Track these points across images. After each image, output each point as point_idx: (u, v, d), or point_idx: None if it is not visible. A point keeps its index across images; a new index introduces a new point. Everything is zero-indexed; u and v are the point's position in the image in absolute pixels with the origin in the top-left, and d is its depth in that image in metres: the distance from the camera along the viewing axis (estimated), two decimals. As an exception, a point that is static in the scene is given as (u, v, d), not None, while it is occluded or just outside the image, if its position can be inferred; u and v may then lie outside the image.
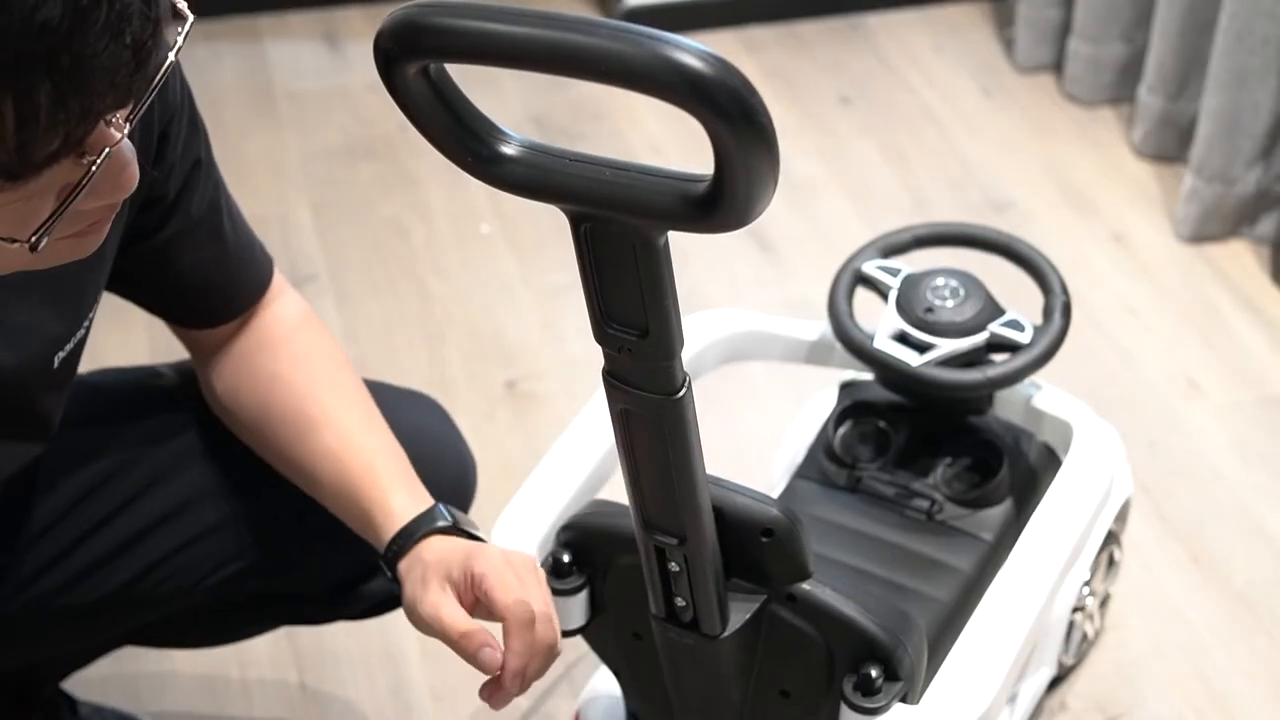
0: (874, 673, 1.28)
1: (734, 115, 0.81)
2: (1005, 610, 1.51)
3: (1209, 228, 2.65)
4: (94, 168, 0.88)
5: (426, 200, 2.78)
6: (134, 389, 1.51)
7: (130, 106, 0.89)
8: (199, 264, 1.31)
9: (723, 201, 0.85)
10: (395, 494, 1.28)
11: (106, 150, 0.88)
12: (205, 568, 1.44)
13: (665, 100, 0.81)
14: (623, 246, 0.94)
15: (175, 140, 1.22)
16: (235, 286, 1.36)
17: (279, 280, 1.42)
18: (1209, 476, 2.20)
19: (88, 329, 1.25)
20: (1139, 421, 2.27)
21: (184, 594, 1.44)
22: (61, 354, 1.21)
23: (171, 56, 0.91)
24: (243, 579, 1.46)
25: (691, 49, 0.80)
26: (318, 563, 1.48)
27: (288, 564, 1.48)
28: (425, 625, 1.20)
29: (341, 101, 3.09)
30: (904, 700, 1.31)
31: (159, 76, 0.90)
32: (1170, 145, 2.84)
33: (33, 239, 0.89)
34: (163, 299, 1.35)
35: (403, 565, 1.24)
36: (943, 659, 1.50)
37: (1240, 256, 2.63)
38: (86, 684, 1.80)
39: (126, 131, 0.89)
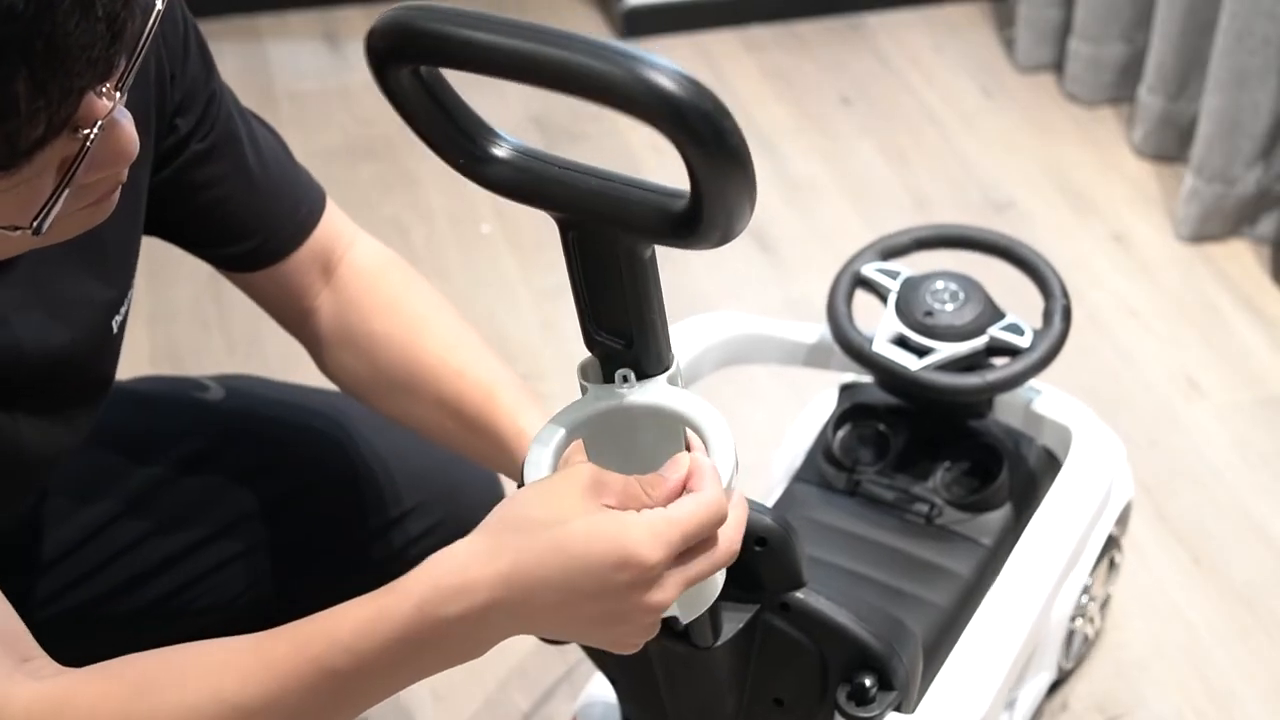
0: (868, 682, 1.27)
1: (706, 138, 0.81)
2: (1002, 618, 1.51)
3: (1209, 227, 2.65)
4: (89, 141, 0.86)
5: (427, 200, 2.78)
6: (178, 402, 1.49)
7: (117, 76, 0.87)
8: (222, 197, 1.27)
9: (700, 221, 0.86)
10: (521, 415, 1.25)
11: (99, 122, 0.86)
12: (238, 588, 1.44)
13: (639, 119, 0.81)
14: (609, 255, 0.94)
15: (183, 78, 1.20)
16: (269, 219, 1.31)
17: (348, 228, 1.38)
18: (1209, 476, 2.20)
19: (133, 284, 1.23)
20: (1139, 422, 2.27)
21: (217, 610, 1.44)
22: (118, 318, 1.19)
23: (155, 14, 0.88)
24: (274, 600, 1.46)
25: (666, 70, 0.80)
26: (350, 590, 1.48)
27: (321, 593, 1.47)
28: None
29: (342, 101, 3.09)
30: (898, 709, 1.31)
31: (142, 42, 0.88)
32: (1170, 145, 2.85)
33: (34, 224, 0.88)
34: (195, 236, 1.31)
35: None
36: (940, 664, 1.49)
37: (1240, 256, 2.63)
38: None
39: (119, 100, 0.87)
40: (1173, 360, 2.42)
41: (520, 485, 1.02)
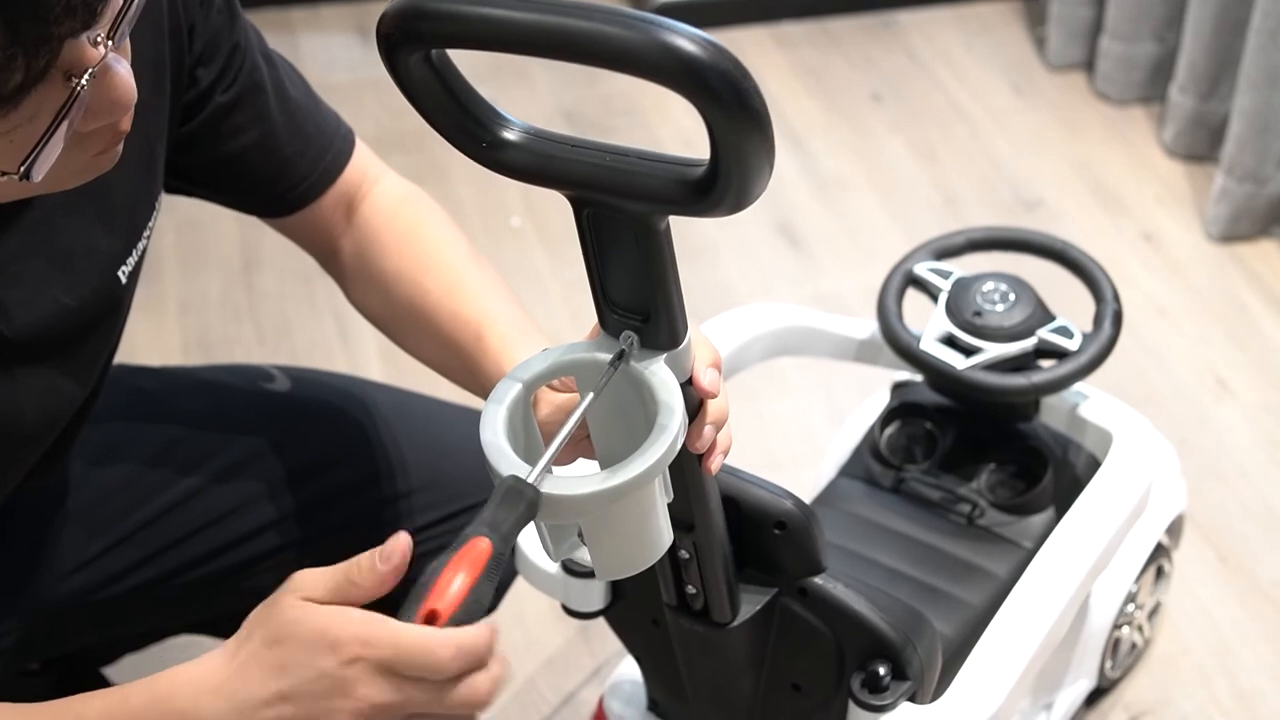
0: (882, 670, 1.27)
1: (727, 99, 0.81)
2: (1020, 616, 1.50)
3: (1239, 227, 2.65)
4: (79, 89, 0.86)
5: (457, 193, 2.79)
6: (247, 391, 1.51)
7: (107, 23, 0.86)
8: (248, 145, 1.27)
9: (719, 184, 0.86)
10: (506, 357, 1.22)
11: (90, 70, 0.85)
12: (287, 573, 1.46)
13: (659, 84, 0.81)
14: (624, 231, 0.94)
15: (205, 29, 1.20)
16: (296, 167, 1.31)
17: (374, 166, 1.38)
18: (1237, 476, 2.20)
19: (149, 239, 1.22)
20: (1168, 421, 2.27)
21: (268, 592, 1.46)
22: (125, 268, 1.19)
23: None
24: None
25: (686, 33, 0.80)
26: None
27: None
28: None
29: (374, 93, 3.10)
30: (912, 700, 1.31)
31: None
32: (1201, 145, 2.84)
33: (21, 169, 0.88)
34: (219, 187, 1.32)
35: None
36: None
37: (1271, 256, 2.63)
38: (117, 670, 1.82)
39: (111, 48, 0.87)
40: (1202, 360, 2.41)
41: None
